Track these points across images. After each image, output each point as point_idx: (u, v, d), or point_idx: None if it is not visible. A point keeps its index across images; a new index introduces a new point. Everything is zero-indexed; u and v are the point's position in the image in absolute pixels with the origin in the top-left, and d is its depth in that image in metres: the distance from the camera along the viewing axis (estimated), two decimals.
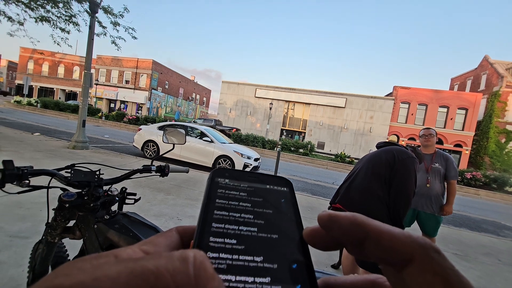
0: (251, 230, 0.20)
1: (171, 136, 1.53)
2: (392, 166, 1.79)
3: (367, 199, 1.81)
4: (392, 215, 1.77)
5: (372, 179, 1.84)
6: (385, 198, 1.78)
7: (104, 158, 6.08)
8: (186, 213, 3.45)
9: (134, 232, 0.97)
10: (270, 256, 0.18)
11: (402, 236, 0.16)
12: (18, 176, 0.89)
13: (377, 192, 1.79)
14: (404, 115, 24.43)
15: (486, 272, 3.10)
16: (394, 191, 1.76)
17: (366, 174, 1.89)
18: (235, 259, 0.18)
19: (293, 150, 17.15)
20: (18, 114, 16.40)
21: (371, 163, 1.92)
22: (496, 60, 25.30)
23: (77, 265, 0.12)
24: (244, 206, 0.22)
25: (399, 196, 1.75)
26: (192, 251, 0.14)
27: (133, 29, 8.04)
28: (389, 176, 1.79)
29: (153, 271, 0.12)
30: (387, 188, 1.79)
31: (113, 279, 0.11)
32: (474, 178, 13.88)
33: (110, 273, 0.11)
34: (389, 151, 1.88)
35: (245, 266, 0.17)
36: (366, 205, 1.81)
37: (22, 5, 7.19)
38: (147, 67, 30.82)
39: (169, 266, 0.12)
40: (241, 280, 0.16)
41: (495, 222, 6.77)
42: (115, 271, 0.11)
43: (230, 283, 0.16)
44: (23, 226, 2.36)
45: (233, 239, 0.19)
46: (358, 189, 1.89)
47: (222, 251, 0.18)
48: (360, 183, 1.90)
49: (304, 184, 7.93)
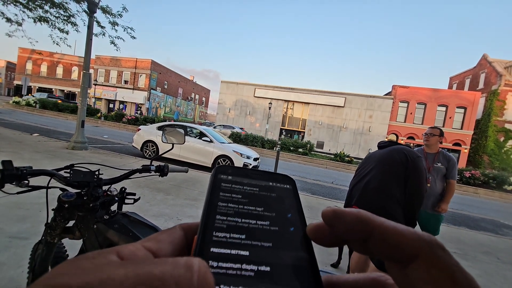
0: (254, 226, 0.20)
1: (170, 136, 1.53)
2: (406, 166, 1.79)
3: (384, 200, 1.80)
4: (407, 215, 1.76)
5: (388, 180, 1.82)
6: (401, 198, 1.77)
7: (103, 159, 6.07)
8: (185, 213, 3.45)
9: (134, 232, 0.97)
10: (273, 252, 0.18)
11: (407, 232, 0.16)
12: (17, 177, 0.88)
13: (394, 193, 1.77)
14: (403, 114, 24.46)
15: (485, 271, 3.11)
16: (409, 191, 1.75)
17: (381, 175, 1.87)
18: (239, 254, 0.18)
19: (292, 150, 17.15)
20: (16, 114, 16.35)
21: (385, 163, 1.89)
22: (494, 59, 25.35)
23: (79, 264, 0.12)
24: (247, 202, 0.22)
25: (414, 196, 1.75)
26: (197, 259, 0.14)
27: (132, 28, 8.01)
28: (404, 176, 1.78)
29: (159, 277, 0.12)
30: (403, 189, 1.78)
31: (119, 283, 0.11)
32: (473, 176, 13.90)
33: (116, 277, 0.11)
34: (400, 151, 1.86)
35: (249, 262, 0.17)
36: (383, 206, 1.79)
37: (20, 5, 7.16)
38: (146, 67, 30.75)
39: (175, 273, 0.12)
40: (246, 275, 0.16)
41: (494, 220, 6.79)
42: (121, 274, 0.11)
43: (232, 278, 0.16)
44: (23, 227, 2.35)
45: (237, 234, 0.19)
46: (375, 190, 1.86)
47: (226, 246, 0.18)
48: (376, 184, 1.87)
49: (304, 184, 7.93)
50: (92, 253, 0.13)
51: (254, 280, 0.16)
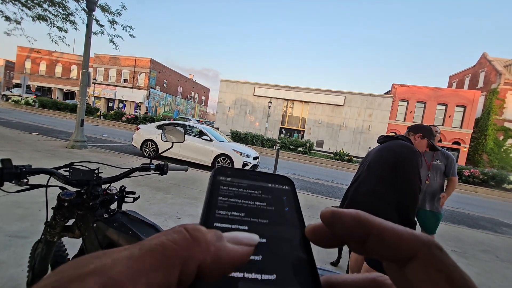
0: (253, 227, 0.20)
1: (169, 134, 1.53)
2: (394, 164, 1.74)
3: (374, 203, 1.76)
4: (402, 215, 1.71)
5: (376, 181, 1.79)
6: (392, 199, 1.72)
7: (103, 157, 6.07)
8: (185, 212, 3.45)
9: (134, 230, 0.97)
10: (272, 253, 0.18)
11: (405, 233, 0.16)
12: (16, 175, 0.88)
13: (383, 195, 1.73)
14: (403, 113, 24.48)
15: (484, 269, 3.12)
16: (398, 190, 1.71)
17: (369, 176, 1.84)
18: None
19: (292, 149, 17.16)
20: (16, 113, 16.32)
21: (374, 163, 1.86)
22: (494, 58, 25.34)
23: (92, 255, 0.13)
24: (246, 203, 0.22)
25: (404, 195, 1.70)
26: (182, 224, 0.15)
27: (131, 27, 8.00)
28: (391, 175, 1.73)
29: (159, 244, 0.13)
30: (392, 188, 1.73)
31: (128, 257, 0.12)
32: (472, 175, 13.92)
33: (123, 254, 0.12)
34: (390, 149, 1.82)
35: (248, 262, 0.17)
36: (374, 209, 1.74)
37: (19, 3, 7.13)
38: (145, 65, 30.68)
39: (170, 237, 0.14)
40: (243, 277, 0.16)
41: (493, 219, 6.81)
42: (127, 252, 0.13)
43: (233, 279, 0.16)
44: (22, 226, 2.35)
45: None
46: (365, 192, 1.83)
47: None
48: (365, 186, 1.84)
49: (303, 183, 7.94)
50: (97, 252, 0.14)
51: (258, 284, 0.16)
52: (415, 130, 2.05)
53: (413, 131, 2.05)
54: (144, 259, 0.12)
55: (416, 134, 2.02)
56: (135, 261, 0.12)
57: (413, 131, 2.05)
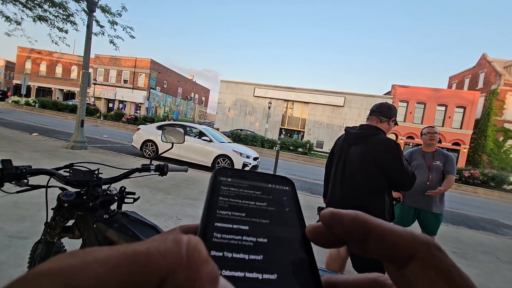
0: (254, 227, 0.20)
1: (169, 135, 1.53)
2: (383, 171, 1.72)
3: (362, 196, 1.76)
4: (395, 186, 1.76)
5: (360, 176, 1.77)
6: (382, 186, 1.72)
7: (103, 158, 6.06)
8: (185, 212, 3.45)
9: (134, 231, 0.97)
10: (273, 253, 0.19)
11: (404, 233, 0.16)
12: (16, 176, 0.88)
13: (371, 185, 1.72)
14: (403, 113, 24.48)
15: (484, 270, 3.11)
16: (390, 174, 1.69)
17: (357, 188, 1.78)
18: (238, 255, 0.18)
19: (292, 149, 17.17)
20: (16, 114, 16.33)
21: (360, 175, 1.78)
22: (494, 58, 25.36)
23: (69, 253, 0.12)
24: (247, 204, 0.22)
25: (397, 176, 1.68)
26: (187, 235, 0.13)
27: (131, 28, 8.01)
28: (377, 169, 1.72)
29: (144, 252, 0.11)
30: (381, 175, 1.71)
31: (103, 262, 0.11)
32: (472, 176, 13.92)
33: (100, 257, 0.11)
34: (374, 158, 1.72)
35: (248, 262, 0.17)
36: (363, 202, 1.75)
37: (19, 4, 7.15)
38: (145, 66, 30.70)
39: (161, 247, 0.12)
40: (244, 276, 0.16)
41: (493, 220, 6.80)
42: (105, 254, 0.11)
43: (234, 279, 0.16)
44: (22, 226, 2.35)
45: (237, 235, 0.19)
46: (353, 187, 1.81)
47: (225, 247, 0.18)
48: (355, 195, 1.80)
49: (303, 183, 7.94)
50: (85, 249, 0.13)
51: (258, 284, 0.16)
52: (387, 114, 1.86)
53: (386, 116, 1.85)
54: (118, 269, 0.11)
55: (390, 119, 1.87)
56: (108, 269, 0.11)
57: (385, 116, 1.85)
